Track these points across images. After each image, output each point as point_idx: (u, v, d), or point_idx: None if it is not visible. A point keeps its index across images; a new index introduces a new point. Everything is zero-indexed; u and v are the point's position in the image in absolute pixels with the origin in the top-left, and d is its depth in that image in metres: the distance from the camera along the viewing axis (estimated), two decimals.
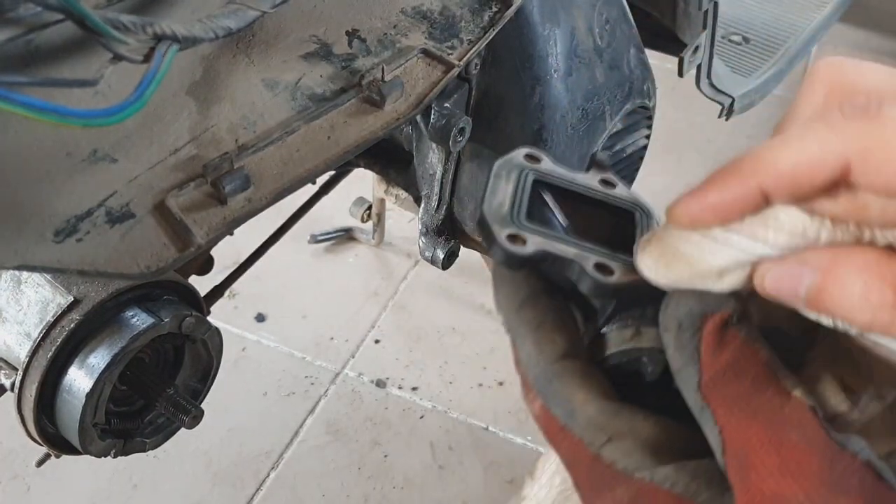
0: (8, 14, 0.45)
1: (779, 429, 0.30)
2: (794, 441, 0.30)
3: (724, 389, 0.32)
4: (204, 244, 0.55)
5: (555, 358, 0.35)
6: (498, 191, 0.37)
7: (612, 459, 0.33)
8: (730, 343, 0.32)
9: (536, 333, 0.35)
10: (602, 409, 0.33)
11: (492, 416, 1.65)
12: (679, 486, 0.31)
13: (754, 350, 0.32)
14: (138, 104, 0.46)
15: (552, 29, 0.88)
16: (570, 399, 0.34)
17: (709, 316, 0.33)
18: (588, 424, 0.33)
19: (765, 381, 0.31)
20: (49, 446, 0.82)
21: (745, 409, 0.31)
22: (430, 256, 1.01)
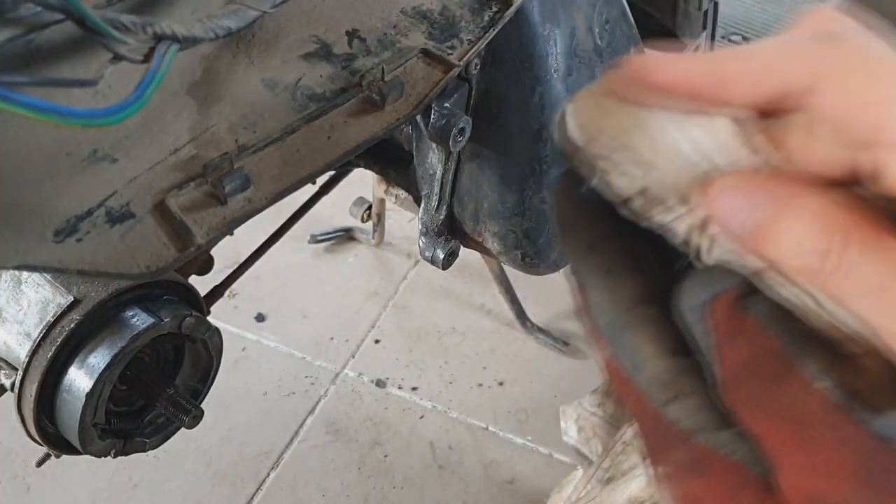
0: (8, 14, 0.45)
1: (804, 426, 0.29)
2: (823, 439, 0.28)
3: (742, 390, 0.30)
4: (204, 244, 0.55)
5: (627, 306, 0.33)
6: None
7: (675, 419, 0.31)
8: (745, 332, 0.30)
9: (608, 279, 0.33)
10: (669, 366, 0.32)
11: (492, 416, 1.65)
12: (737, 454, 0.30)
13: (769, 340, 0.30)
14: (138, 104, 0.46)
15: (552, 29, 0.88)
16: (638, 352, 0.32)
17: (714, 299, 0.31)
18: (654, 380, 0.32)
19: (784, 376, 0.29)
20: (49, 446, 0.82)
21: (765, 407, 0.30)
22: (430, 256, 1.01)
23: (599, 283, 0.33)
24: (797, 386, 0.29)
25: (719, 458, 0.30)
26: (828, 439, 0.28)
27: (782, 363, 0.30)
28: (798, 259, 0.28)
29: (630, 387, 0.33)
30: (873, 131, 0.28)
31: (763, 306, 0.31)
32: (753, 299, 0.31)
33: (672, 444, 0.31)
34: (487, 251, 1.01)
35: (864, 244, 0.27)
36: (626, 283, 0.33)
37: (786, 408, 0.29)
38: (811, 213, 0.28)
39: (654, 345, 0.32)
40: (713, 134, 0.30)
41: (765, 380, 0.30)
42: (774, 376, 0.30)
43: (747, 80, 0.30)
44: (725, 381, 0.31)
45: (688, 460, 0.31)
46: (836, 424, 0.28)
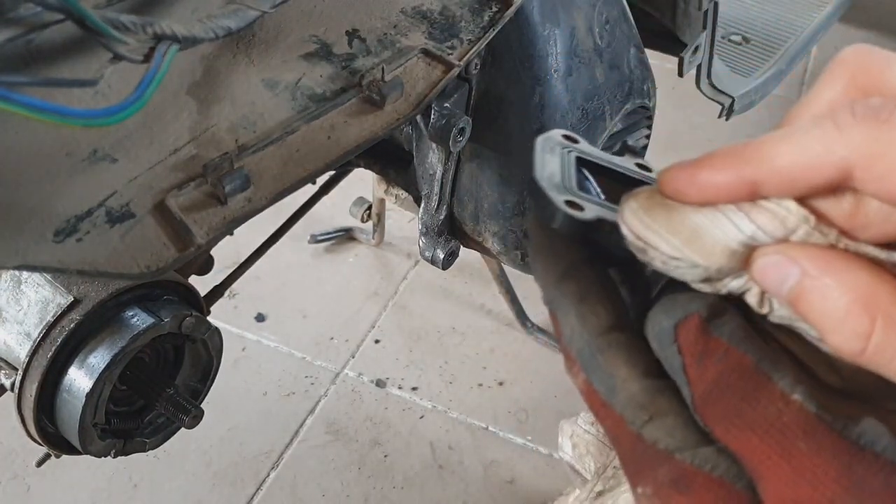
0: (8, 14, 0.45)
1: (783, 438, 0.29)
2: (803, 449, 0.29)
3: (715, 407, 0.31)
4: (204, 244, 0.55)
5: (599, 331, 0.33)
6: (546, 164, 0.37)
7: (654, 439, 0.31)
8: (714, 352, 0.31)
9: (580, 306, 0.34)
10: (645, 386, 0.32)
11: (492, 416, 1.65)
12: (719, 469, 0.30)
13: (739, 356, 0.31)
14: (138, 104, 0.46)
15: (552, 29, 0.88)
16: (612, 375, 0.33)
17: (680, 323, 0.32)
18: (629, 402, 0.32)
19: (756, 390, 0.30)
20: (49, 446, 0.82)
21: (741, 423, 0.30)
22: (430, 256, 1.01)
23: (573, 310, 0.34)
24: (773, 399, 0.30)
25: (702, 475, 0.31)
26: (808, 448, 0.29)
27: (755, 378, 0.30)
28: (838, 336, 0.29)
29: (607, 410, 0.33)
30: None
31: (730, 327, 0.32)
32: (720, 321, 0.32)
33: (653, 464, 0.32)
34: (487, 251, 1.01)
35: None
36: (598, 310, 0.34)
37: (763, 420, 0.30)
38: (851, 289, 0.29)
39: (627, 368, 0.33)
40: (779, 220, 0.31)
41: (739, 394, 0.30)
42: (748, 391, 0.30)
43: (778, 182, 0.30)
44: (696, 399, 0.31)
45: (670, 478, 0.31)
46: (815, 434, 0.29)
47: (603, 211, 0.35)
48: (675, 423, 0.32)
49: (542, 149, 0.38)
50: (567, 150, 0.39)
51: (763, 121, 2.27)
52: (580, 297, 0.34)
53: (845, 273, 0.29)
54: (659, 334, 0.33)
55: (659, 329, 0.33)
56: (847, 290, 0.29)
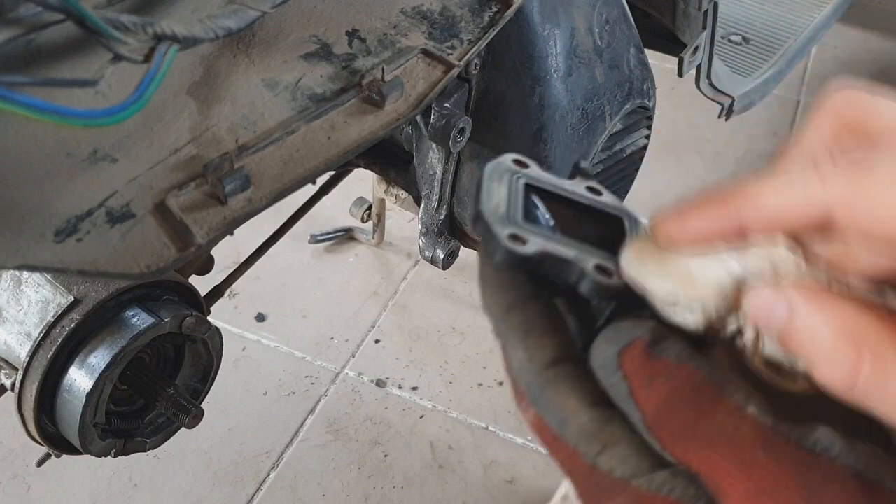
0: (8, 14, 0.45)
1: (741, 451, 0.29)
2: (763, 461, 0.29)
3: (669, 425, 0.31)
4: (204, 244, 0.55)
5: (546, 364, 0.33)
6: (493, 193, 0.37)
7: (609, 468, 0.32)
8: (661, 373, 0.31)
9: (526, 339, 0.34)
10: (594, 417, 0.32)
11: (492, 416, 1.65)
12: (676, 492, 0.30)
13: (689, 373, 0.31)
14: (139, 104, 0.46)
15: (552, 29, 0.88)
16: (562, 407, 0.33)
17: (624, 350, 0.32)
18: (581, 433, 0.32)
19: (710, 404, 0.30)
20: (49, 446, 0.82)
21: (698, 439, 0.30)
22: (430, 256, 1.01)
23: (519, 343, 0.34)
24: (728, 412, 0.30)
25: (659, 499, 0.31)
26: (766, 460, 0.29)
27: (708, 391, 0.31)
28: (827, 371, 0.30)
29: (559, 444, 0.33)
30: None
31: (676, 348, 0.32)
32: (664, 344, 0.32)
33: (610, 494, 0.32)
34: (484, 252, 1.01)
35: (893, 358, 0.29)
36: (544, 343, 0.34)
37: (720, 434, 0.30)
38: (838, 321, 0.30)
39: (576, 399, 0.33)
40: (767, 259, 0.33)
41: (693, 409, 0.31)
42: (702, 404, 0.31)
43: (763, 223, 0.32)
44: (648, 420, 0.31)
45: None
46: (773, 445, 0.29)
47: (549, 243, 0.35)
48: (628, 451, 0.32)
49: (490, 177, 0.38)
50: (516, 176, 0.38)
51: (762, 121, 2.27)
52: (526, 331, 0.34)
53: (832, 309, 0.30)
54: (603, 363, 0.33)
55: (603, 358, 0.33)
56: (833, 325, 0.30)
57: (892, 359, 0.29)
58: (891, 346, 0.29)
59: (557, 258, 0.35)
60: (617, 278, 0.34)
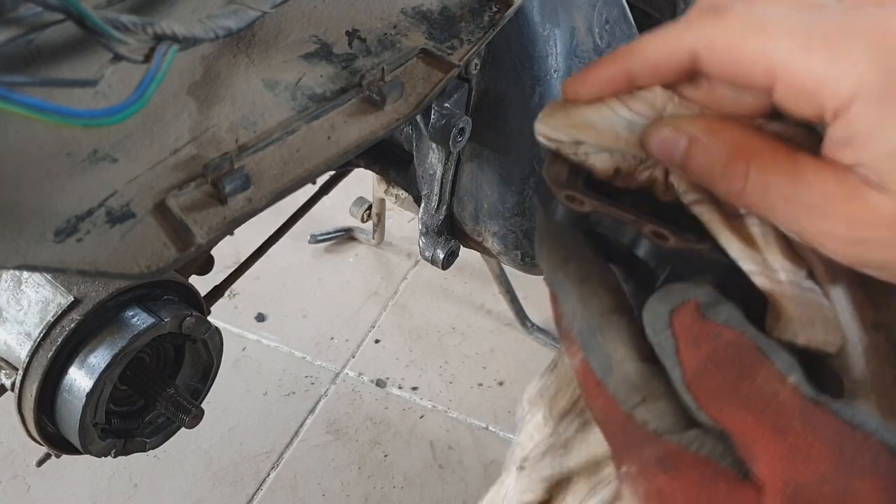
0: (8, 14, 0.45)
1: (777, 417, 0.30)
2: (798, 428, 0.30)
3: (709, 383, 0.32)
4: (204, 244, 0.55)
5: (600, 312, 0.35)
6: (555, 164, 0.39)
7: (644, 420, 0.33)
8: (708, 333, 0.32)
9: (582, 287, 0.35)
10: (640, 369, 0.33)
11: (492, 415, 1.65)
12: (705, 449, 0.31)
13: (735, 335, 0.32)
14: (139, 104, 0.46)
15: (552, 29, 0.88)
16: (610, 355, 0.34)
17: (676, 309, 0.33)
18: (624, 382, 0.33)
19: (752, 368, 0.31)
20: (49, 446, 0.82)
21: (735, 400, 0.31)
22: (430, 256, 1.01)
23: (575, 290, 0.35)
24: (769, 378, 0.31)
25: (687, 454, 0.32)
26: (803, 427, 0.30)
27: (752, 355, 0.32)
28: (723, 182, 0.35)
29: (599, 390, 0.34)
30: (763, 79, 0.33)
31: (728, 312, 0.33)
32: (717, 308, 0.33)
33: (639, 445, 0.33)
34: (487, 251, 1.01)
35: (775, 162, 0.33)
36: (599, 292, 0.35)
37: (759, 399, 0.31)
38: (729, 140, 0.35)
39: (625, 349, 0.34)
40: (650, 102, 0.37)
41: (734, 371, 0.32)
42: (744, 367, 0.31)
43: (647, 70, 0.37)
44: (688, 377, 0.32)
45: (655, 458, 0.32)
46: (810, 414, 0.30)
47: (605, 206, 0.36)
48: (666, 408, 0.33)
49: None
50: None
51: None
52: (582, 280, 0.35)
53: (722, 132, 0.35)
54: (654, 320, 0.34)
55: (654, 315, 0.34)
56: (725, 144, 0.35)
57: (771, 161, 0.33)
58: (770, 152, 0.34)
59: (614, 220, 0.36)
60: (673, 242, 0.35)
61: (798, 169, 0.33)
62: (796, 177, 0.33)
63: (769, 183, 0.33)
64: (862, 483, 0.29)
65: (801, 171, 0.33)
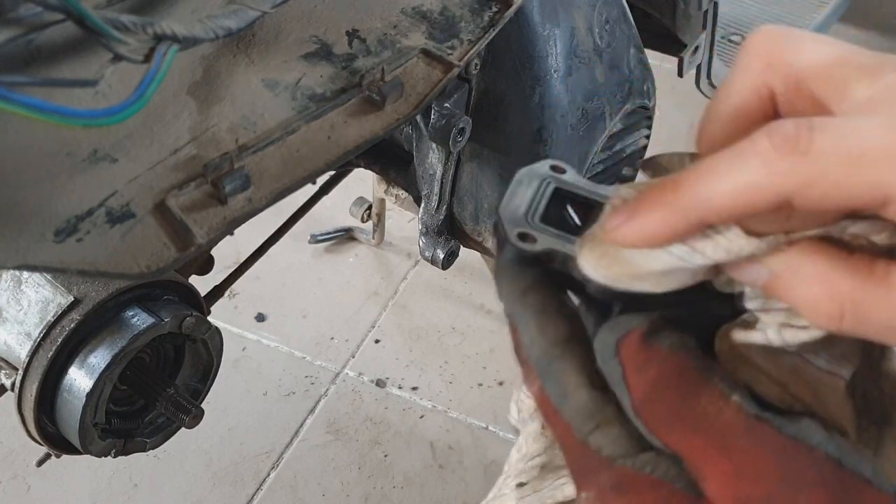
0: (8, 14, 0.45)
1: (723, 436, 0.30)
2: (744, 445, 0.30)
3: (655, 407, 0.32)
4: (204, 244, 0.55)
5: (556, 341, 0.35)
6: (516, 195, 0.38)
7: (598, 446, 0.33)
8: (652, 359, 0.32)
9: (540, 317, 0.36)
10: (593, 396, 0.34)
11: (492, 415, 1.65)
12: (659, 471, 0.32)
13: (679, 359, 0.32)
14: (139, 104, 0.46)
15: (552, 29, 0.88)
16: (564, 383, 0.34)
17: (622, 338, 0.33)
18: (578, 410, 0.34)
19: (696, 390, 0.31)
20: (49, 446, 0.82)
21: (682, 423, 0.31)
22: (430, 256, 1.01)
23: (533, 320, 0.36)
24: (713, 398, 0.31)
25: (642, 477, 0.32)
26: (747, 444, 0.30)
27: (695, 377, 0.32)
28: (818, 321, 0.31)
29: (557, 417, 0.34)
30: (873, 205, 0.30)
31: (671, 338, 0.33)
32: (661, 335, 0.33)
33: (595, 471, 0.33)
34: (487, 251, 1.01)
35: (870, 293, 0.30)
36: (557, 322, 0.35)
37: (703, 419, 0.31)
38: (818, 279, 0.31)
39: (579, 377, 0.34)
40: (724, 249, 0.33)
41: (679, 393, 0.32)
42: (688, 389, 0.32)
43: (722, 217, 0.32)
44: (636, 402, 0.32)
45: (611, 483, 0.32)
46: (754, 431, 0.30)
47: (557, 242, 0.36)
48: (619, 433, 0.33)
49: (519, 180, 0.39)
50: (546, 181, 0.39)
51: None
52: (541, 310, 0.36)
53: (808, 266, 0.31)
54: (602, 349, 0.34)
55: (603, 344, 0.34)
56: (812, 283, 0.31)
57: (870, 299, 0.30)
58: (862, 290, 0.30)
59: (567, 256, 0.36)
60: None
61: None
62: None
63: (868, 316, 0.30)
64: (808, 497, 0.29)
65: None
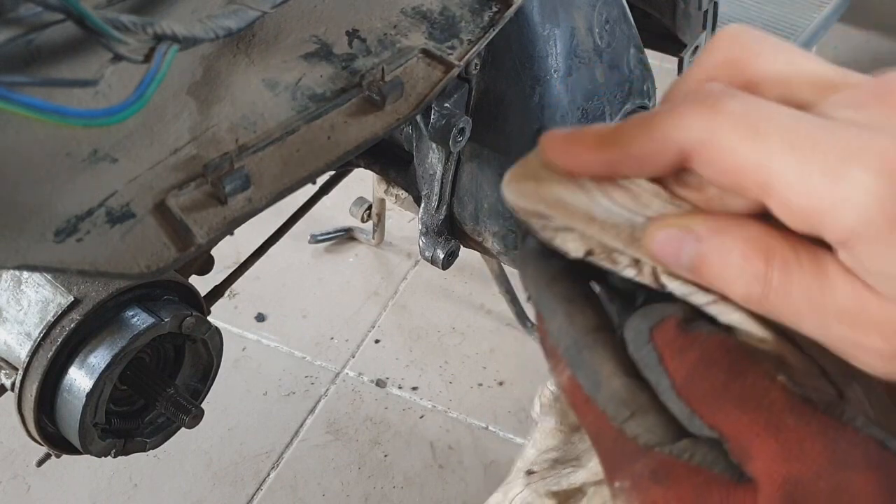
0: (8, 14, 0.45)
1: (770, 415, 0.30)
2: (791, 424, 0.30)
3: (700, 386, 0.31)
4: (204, 244, 0.55)
5: (586, 330, 0.35)
6: None
7: (634, 434, 0.33)
8: (693, 342, 0.32)
9: (569, 306, 0.35)
10: (627, 384, 0.33)
11: (492, 415, 1.65)
12: (696, 457, 0.31)
13: (722, 339, 0.32)
14: (139, 104, 0.46)
15: (552, 29, 0.88)
16: (597, 371, 0.34)
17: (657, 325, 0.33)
18: (612, 398, 0.33)
19: (742, 368, 0.31)
20: (49, 446, 0.82)
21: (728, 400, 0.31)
22: (430, 256, 1.01)
23: (561, 309, 0.35)
24: (759, 376, 0.31)
25: (679, 464, 0.32)
26: (795, 424, 0.30)
27: (740, 356, 0.31)
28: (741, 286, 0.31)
29: (589, 406, 0.34)
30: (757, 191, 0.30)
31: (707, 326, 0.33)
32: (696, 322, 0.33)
33: (630, 459, 0.33)
34: (487, 251, 1.01)
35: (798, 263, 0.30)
36: (585, 311, 0.35)
37: (751, 396, 0.31)
38: (744, 240, 0.31)
39: (612, 364, 0.34)
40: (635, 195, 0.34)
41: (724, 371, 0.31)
42: (734, 366, 0.31)
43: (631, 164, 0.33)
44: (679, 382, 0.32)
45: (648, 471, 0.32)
46: (800, 410, 0.30)
47: None
48: (655, 420, 0.33)
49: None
50: None
51: None
52: (569, 298, 0.35)
53: (736, 228, 0.31)
54: (635, 336, 0.34)
55: (635, 332, 0.34)
56: (741, 241, 0.31)
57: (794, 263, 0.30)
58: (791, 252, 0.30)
59: None
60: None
61: (824, 271, 0.30)
62: (823, 280, 0.30)
63: (793, 286, 0.30)
64: (856, 477, 0.29)
65: (828, 273, 0.30)
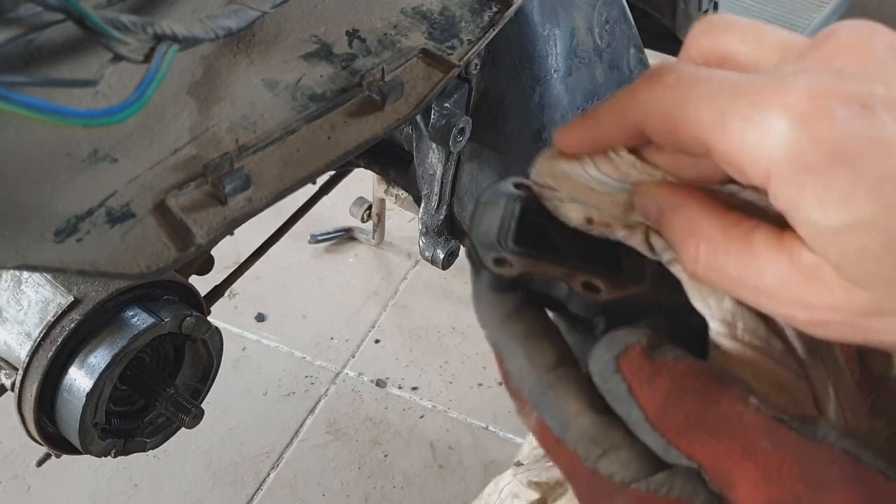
0: (8, 14, 0.45)
1: (746, 439, 0.30)
2: (768, 448, 0.30)
3: (674, 416, 0.31)
4: (204, 244, 0.55)
5: (548, 368, 0.34)
6: (485, 218, 0.39)
7: (609, 473, 0.32)
8: (661, 369, 0.32)
9: (526, 344, 0.35)
10: (596, 421, 0.33)
11: (492, 415, 1.65)
12: (675, 491, 0.31)
13: (689, 364, 0.32)
14: (139, 104, 0.46)
15: (552, 29, 0.88)
16: (564, 410, 0.33)
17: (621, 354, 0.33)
18: (582, 437, 0.33)
19: (714, 394, 0.31)
20: (49, 446, 0.82)
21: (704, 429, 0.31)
22: (430, 256, 1.01)
23: (519, 348, 0.35)
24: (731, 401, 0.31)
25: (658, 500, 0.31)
26: (770, 447, 0.30)
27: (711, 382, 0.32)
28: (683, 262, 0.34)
29: (560, 447, 0.34)
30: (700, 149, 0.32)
31: (673, 351, 0.33)
32: (661, 349, 0.33)
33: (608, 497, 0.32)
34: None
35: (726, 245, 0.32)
36: (544, 347, 0.35)
37: (725, 423, 0.31)
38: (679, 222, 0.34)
39: (579, 402, 0.33)
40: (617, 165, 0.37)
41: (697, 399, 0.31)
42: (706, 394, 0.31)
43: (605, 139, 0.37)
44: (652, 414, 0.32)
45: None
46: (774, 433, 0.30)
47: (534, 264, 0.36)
48: (628, 456, 0.32)
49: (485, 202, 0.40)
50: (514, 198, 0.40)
51: None
52: (526, 336, 0.35)
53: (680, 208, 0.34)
54: (601, 368, 0.33)
55: (600, 363, 0.33)
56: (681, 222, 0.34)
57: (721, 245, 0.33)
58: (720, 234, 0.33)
59: (545, 278, 0.35)
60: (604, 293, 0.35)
61: (751, 252, 0.32)
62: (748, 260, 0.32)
63: (720, 266, 0.32)
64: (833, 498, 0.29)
65: (755, 254, 0.32)
